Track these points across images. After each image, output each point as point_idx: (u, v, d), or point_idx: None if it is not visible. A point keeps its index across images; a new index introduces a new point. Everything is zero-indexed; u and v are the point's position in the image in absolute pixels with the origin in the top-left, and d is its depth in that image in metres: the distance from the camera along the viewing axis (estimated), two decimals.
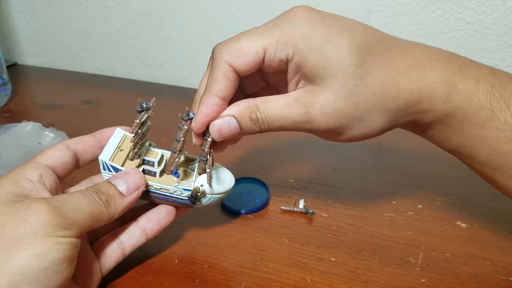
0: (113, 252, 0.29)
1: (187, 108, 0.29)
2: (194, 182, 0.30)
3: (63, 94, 0.66)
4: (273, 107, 0.27)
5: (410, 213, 0.37)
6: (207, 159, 0.28)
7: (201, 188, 0.30)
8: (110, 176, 0.28)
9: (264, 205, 0.38)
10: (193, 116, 0.28)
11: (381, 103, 0.26)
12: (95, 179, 0.31)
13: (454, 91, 0.26)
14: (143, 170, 0.29)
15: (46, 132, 0.44)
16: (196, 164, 0.31)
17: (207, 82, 0.28)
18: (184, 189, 0.30)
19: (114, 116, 0.58)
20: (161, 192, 0.30)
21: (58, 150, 0.28)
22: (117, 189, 0.27)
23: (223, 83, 0.27)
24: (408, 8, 0.55)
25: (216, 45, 0.28)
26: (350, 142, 0.28)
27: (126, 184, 0.27)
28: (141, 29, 0.71)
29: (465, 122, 0.26)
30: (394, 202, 0.39)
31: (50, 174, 0.26)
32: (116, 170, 0.28)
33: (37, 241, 0.21)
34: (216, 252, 0.33)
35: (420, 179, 0.42)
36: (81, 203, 0.24)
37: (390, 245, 0.33)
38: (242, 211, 0.37)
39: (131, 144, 0.28)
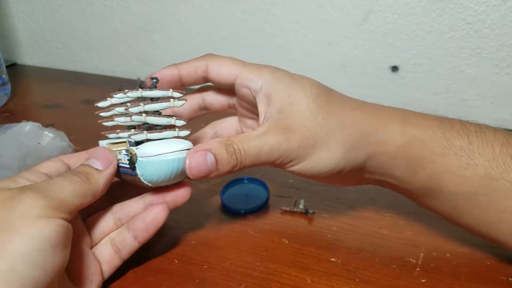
0: (112, 258, 0.29)
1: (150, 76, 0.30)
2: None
3: (62, 94, 0.66)
4: (247, 138, 0.28)
5: (410, 213, 0.37)
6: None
7: (134, 149, 0.27)
8: None
9: (264, 205, 0.38)
10: (155, 82, 0.29)
11: (341, 126, 0.29)
12: None
13: (408, 124, 0.29)
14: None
15: (46, 132, 0.43)
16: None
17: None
18: (125, 154, 0.28)
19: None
20: (120, 164, 0.29)
21: (53, 162, 0.29)
22: (92, 166, 0.27)
23: (190, 69, 0.32)
24: (408, 8, 0.55)
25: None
26: (318, 178, 0.30)
27: (98, 161, 0.28)
28: (141, 29, 0.71)
29: (425, 151, 0.28)
30: (394, 202, 0.38)
31: (45, 178, 0.27)
32: None
33: (29, 223, 0.21)
34: (216, 252, 0.33)
35: None
36: (62, 184, 0.25)
37: (390, 245, 0.33)
38: (242, 211, 0.37)
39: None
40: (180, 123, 0.29)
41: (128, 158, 0.27)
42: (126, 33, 0.72)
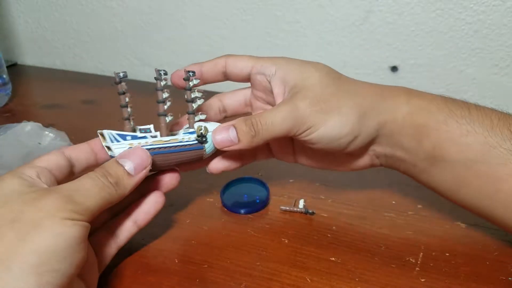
0: (110, 247, 0.30)
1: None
2: (190, 127, 0.32)
3: (63, 94, 0.66)
4: (264, 112, 0.31)
5: (410, 213, 0.37)
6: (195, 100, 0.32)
7: (202, 125, 0.32)
8: (121, 147, 0.29)
9: (264, 205, 0.38)
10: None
11: (352, 95, 0.31)
12: None
13: (413, 96, 0.31)
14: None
15: (46, 132, 0.44)
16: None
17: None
18: (189, 133, 0.32)
19: (114, 116, 0.58)
20: (171, 145, 0.31)
21: (53, 155, 0.28)
22: (125, 169, 0.28)
23: (211, 65, 0.34)
24: (408, 8, 0.55)
25: None
26: (334, 152, 0.32)
27: (133, 164, 0.28)
28: (141, 29, 0.71)
29: (430, 119, 0.30)
30: (394, 202, 0.39)
31: (46, 173, 0.27)
32: (123, 137, 0.30)
33: (57, 223, 0.22)
34: (216, 252, 0.33)
35: None
36: (91, 189, 0.25)
37: (390, 245, 0.33)
38: (242, 211, 0.37)
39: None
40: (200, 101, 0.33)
41: (199, 134, 0.32)
42: (126, 33, 0.72)
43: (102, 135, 0.30)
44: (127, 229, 0.31)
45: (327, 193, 0.40)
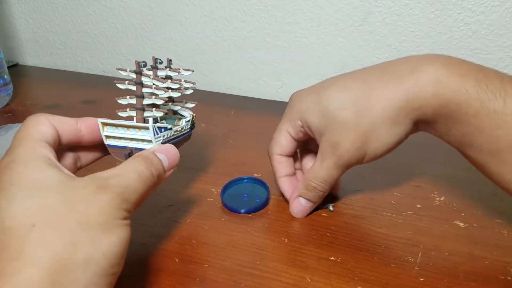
0: None
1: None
2: (182, 117, 0.37)
3: (64, 95, 0.66)
4: (315, 173, 0.34)
5: (409, 212, 0.37)
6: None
7: (193, 114, 0.37)
8: (159, 139, 0.31)
9: (264, 204, 0.38)
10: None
11: (377, 114, 0.31)
12: None
13: (441, 87, 0.30)
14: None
15: None
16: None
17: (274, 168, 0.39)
18: (186, 121, 0.36)
19: (115, 116, 0.58)
20: (182, 133, 0.35)
21: (46, 127, 0.27)
22: (164, 166, 0.29)
23: (281, 166, 0.38)
24: (407, 9, 0.55)
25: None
26: (377, 157, 0.33)
27: (168, 161, 0.29)
28: (141, 30, 0.71)
29: (459, 113, 0.29)
30: (393, 202, 0.39)
31: (53, 151, 0.26)
32: (160, 130, 0.31)
33: (118, 226, 0.23)
34: (216, 251, 0.33)
35: (419, 179, 0.42)
36: (137, 184, 0.25)
37: (389, 245, 0.33)
38: (242, 211, 0.37)
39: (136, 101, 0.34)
40: (189, 91, 0.36)
41: (192, 122, 0.37)
42: (127, 34, 0.72)
43: (104, 124, 0.33)
44: None
45: None
